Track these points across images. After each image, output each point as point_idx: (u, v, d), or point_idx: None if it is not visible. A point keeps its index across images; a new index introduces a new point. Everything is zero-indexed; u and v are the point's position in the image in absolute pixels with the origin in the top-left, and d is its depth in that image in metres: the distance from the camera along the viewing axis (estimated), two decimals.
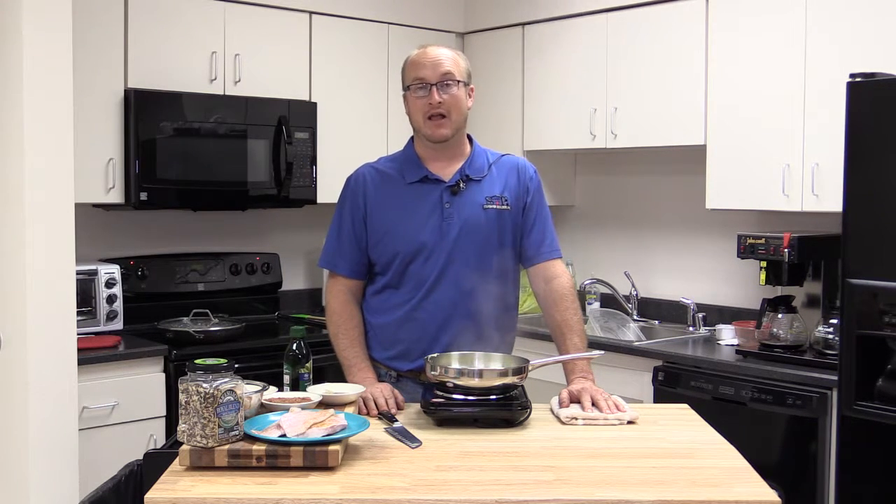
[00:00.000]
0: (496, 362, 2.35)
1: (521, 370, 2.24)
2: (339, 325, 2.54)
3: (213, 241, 4.35)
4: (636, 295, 4.40)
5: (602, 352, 2.50)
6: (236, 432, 1.87)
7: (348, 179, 2.59)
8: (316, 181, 4.15)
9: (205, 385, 1.83)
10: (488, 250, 2.49)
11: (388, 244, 2.49)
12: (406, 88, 2.49)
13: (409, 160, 2.55)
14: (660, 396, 3.59)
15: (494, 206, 2.50)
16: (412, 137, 2.59)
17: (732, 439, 2.12)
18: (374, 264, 2.55)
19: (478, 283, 2.46)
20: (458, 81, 2.45)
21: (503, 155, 2.62)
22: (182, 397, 1.86)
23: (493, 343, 2.45)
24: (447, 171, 2.51)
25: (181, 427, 1.86)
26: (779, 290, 3.67)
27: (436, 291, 2.46)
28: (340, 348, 2.52)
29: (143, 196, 3.70)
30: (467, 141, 2.58)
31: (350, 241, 2.54)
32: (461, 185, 2.49)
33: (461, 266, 2.46)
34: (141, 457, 2.24)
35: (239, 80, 4.01)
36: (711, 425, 2.25)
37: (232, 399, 1.86)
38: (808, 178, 3.45)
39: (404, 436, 2.07)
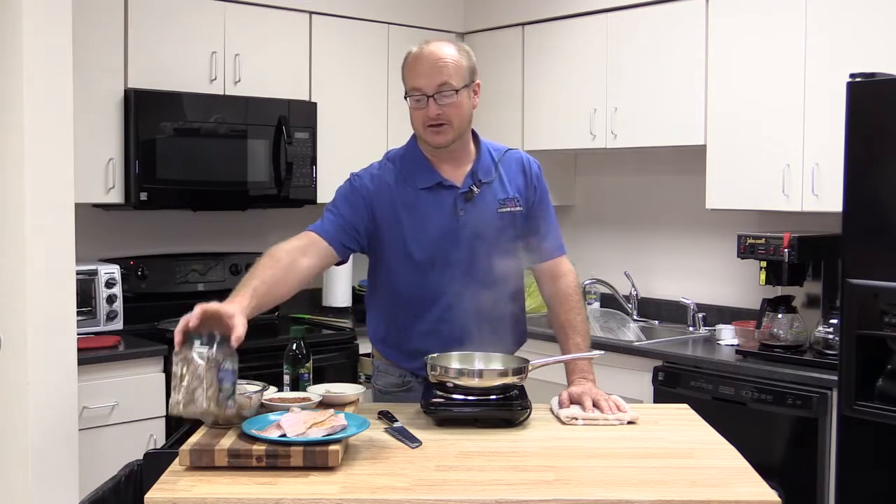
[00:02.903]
0: (496, 362, 2.35)
1: (521, 370, 2.24)
2: (263, 260, 2.23)
3: (213, 241, 4.35)
4: (636, 295, 4.40)
5: (602, 352, 2.49)
6: (232, 404, 1.86)
7: (354, 176, 2.45)
8: (316, 181, 4.15)
9: (207, 351, 1.84)
10: (503, 254, 2.44)
11: (401, 252, 2.41)
12: (405, 95, 2.40)
13: (417, 162, 2.44)
14: (660, 396, 3.58)
15: (508, 209, 2.45)
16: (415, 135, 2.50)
17: (732, 439, 2.12)
18: (391, 272, 2.47)
19: (494, 288, 2.42)
20: (456, 90, 2.32)
21: (506, 150, 2.53)
22: (178, 368, 1.83)
23: (507, 348, 2.45)
24: (458, 174, 2.43)
25: (176, 398, 1.82)
26: (779, 290, 3.67)
27: (455, 301, 2.39)
28: (246, 277, 2.20)
29: (143, 196, 3.70)
30: (472, 140, 2.49)
31: (344, 218, 2.36)
32: (474, 190, 2.41)
33: (478, 272, 2.41)
34: (141, 457, 2.24)
35: (239, 80, 4.01)
36: (711, 425, 2.25)
37: (230, 369, 1.86)
38: (808, 178, 3.45)
39: (404, 436, 2.07)
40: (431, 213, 2.41)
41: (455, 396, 2.19)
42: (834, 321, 3.27)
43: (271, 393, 2.16)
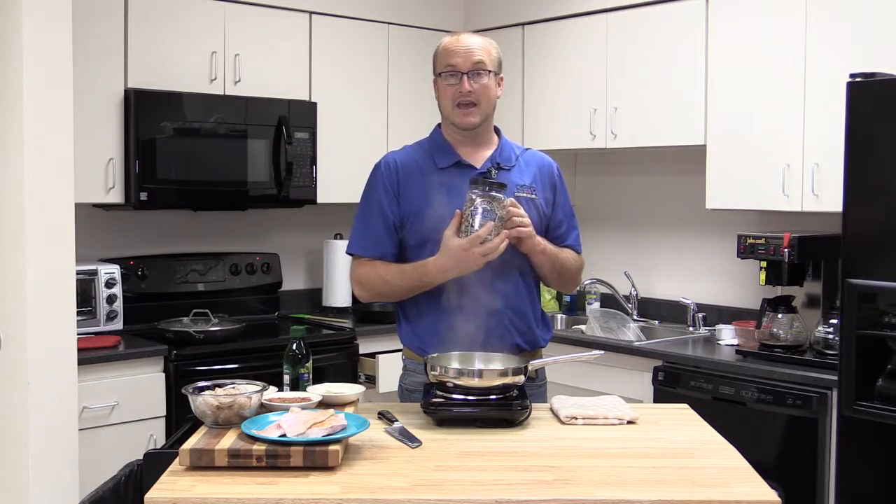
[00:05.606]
0: (496, 362, 2.35)
1: (521, 370, 2.24)
2: (375, 274, 2.46)
3: (213, 241, 4.35)
4: (636, 295, 4.41)
5: (602, 352, 2.49)
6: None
7: (377, 165, 2.53)
8: (316, 181, 4.15)
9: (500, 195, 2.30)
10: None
11: (418, 230, 2.45)
12: (437, 75, 2.50)
13: (438, 146, 2.53)
14: (660, 396, 3.58)
15: (524, 195, 2.49)
16: (439, 124, 2.58)
17: (732, 439, 2.12)
18: (407, 251, 2.49)
19: (510, 272, 2.45)
20: (489, 71, 2.46)
21: (527, 149, 2.64)
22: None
23: (528, 338, 2.48)
24: (477, 158, 2.51)
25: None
26: (779, 290, 3.67)
27: (473, 285, 2.40)
28: (398, 273, 2.43)
29: (143, 196, 3.70)
30: (494, 131, 2.58)
31: (378, 223, 2.47)
32: (493, 172, 2.44)
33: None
34: (141, 457, 2.24)
35: (239, 80, 4.01)
36: (711, 425, 2.25)
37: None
38: (808, 178, 3.45)
39: (404, 436, 2.07)
40: (449, 190, 2.45)
41: (455, 396, 2.19)
42: (834, 321, 3.27)
43: (271, 393, 2.16)
